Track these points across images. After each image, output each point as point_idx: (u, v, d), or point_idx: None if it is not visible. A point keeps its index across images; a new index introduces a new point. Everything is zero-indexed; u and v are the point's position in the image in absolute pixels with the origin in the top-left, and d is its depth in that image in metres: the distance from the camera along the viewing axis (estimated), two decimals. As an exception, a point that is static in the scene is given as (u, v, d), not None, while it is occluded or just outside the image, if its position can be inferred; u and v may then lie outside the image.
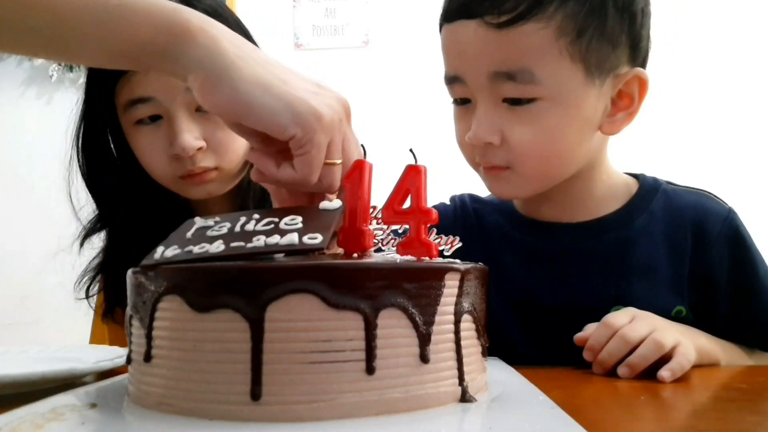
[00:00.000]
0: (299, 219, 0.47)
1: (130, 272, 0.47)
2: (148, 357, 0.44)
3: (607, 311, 0.69)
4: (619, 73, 0.72)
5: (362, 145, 0.56)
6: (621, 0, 0.70)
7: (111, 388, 0.51)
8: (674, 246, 0.78)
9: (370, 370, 0.40)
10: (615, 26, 0.70)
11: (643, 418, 0.48)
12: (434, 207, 0.48)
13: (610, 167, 0.82)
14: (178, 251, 0.45)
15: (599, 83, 0.71)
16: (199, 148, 0.85)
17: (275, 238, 0.44)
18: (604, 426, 0.44)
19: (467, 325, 0.46)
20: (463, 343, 0.45)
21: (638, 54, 0.74)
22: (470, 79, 0.72)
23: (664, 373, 0.60)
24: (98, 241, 1.01)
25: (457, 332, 0.45)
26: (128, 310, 0.48)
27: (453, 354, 0.44)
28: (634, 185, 0.82)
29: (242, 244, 0.44)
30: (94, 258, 1.01)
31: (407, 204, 0.48)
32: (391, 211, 0.49)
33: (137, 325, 0.46)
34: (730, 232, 0.78)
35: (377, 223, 0.50)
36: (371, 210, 0.50)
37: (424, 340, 0.42)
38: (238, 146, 0.89)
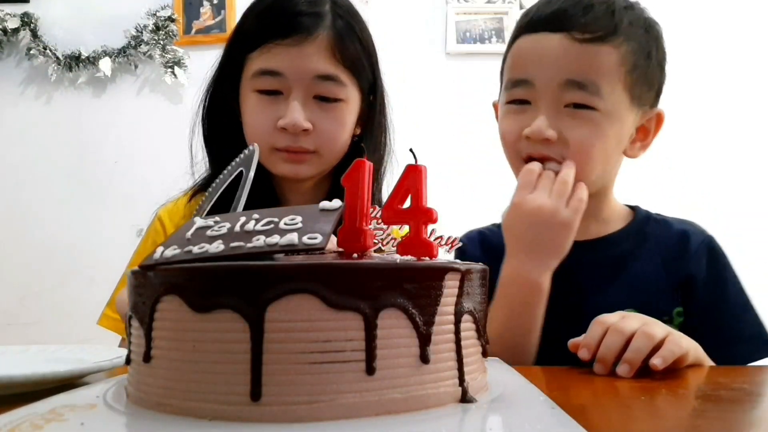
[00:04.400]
0: (299, 219, 0.47)
1: (130, 273, 0.47)
2: (147, 357, 0.44)
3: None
4: (646, 111, 0.89)
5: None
6: (660, 56, 0.89)
7: (111, 388, 0.51)
8: (666, 258, 0.91)
9: (370, 370, 0.40)
10: (654, 73, 0.88)
11: (643, 419, 0.48)
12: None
13: (614, 196, 0.96)
14: (177, 251, 0.45)
15: (634, 113, 0.87)
16: (305, 130, 0.92)
17: (275, 238, 0.44)
18: (604, 426, 0.44)
19: (468, 325, 0.46)
20: (463, 343, 0.45)
21: (657, 101, 0.92)
22: (541, 83, 0.84)
23: (656, 360, 0.62)
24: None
25: (457, 332, 0.45)
26: (128, 311, 0.48)
27: (453, 354, 0.44)
28: (630, 214, 0.96)
29: (242, 244, 0.44)
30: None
31: (407, 204, 0.48)
32: (391, 211, 0.49)
33: (137, 325, 0.46)
34: (709, 247, 0.91)
35: (377, 223, 0.50)
36: (371, 210, 0.50)
37: (425, 340, 0.42)
38: (342, 137, 0.96)
